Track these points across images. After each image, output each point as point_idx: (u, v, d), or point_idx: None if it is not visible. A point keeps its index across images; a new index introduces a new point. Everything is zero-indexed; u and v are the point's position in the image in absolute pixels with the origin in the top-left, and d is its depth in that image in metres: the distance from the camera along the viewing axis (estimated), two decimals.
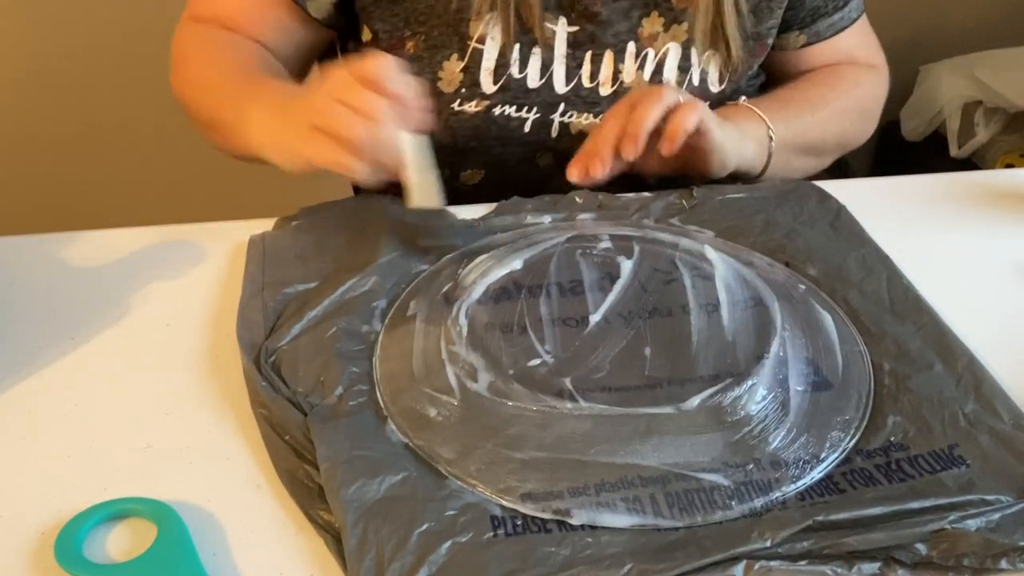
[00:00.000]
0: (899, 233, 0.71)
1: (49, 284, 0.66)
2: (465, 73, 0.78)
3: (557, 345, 0.57)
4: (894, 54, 0.94)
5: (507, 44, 0.78)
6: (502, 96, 0.79)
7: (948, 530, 0.44)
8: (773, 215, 0.72)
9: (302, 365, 0.55)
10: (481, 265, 0.64)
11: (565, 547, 0.44)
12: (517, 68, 0.79)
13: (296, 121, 0.63)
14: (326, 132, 0.60)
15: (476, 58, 0.78)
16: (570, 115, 0.81)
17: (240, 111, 0.70)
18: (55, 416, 0.54)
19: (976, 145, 1.77)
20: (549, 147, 0.82)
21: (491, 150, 0.82)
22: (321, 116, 0.60)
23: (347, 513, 0.45)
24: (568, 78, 0.80)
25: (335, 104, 0.60)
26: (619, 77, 0.81)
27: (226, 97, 0.74)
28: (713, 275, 0.63)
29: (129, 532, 0.46)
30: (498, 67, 0.78)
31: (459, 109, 0.79)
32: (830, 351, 0.57)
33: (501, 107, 0.80)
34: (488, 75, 0.79)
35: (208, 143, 0.78)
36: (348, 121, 0.59)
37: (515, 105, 0.80)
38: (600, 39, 0.79)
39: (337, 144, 0.60)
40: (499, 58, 0.78)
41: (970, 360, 0.56)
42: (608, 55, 0.80)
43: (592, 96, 0.81)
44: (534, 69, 0.79)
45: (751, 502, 0.46)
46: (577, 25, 0.79)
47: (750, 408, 0.52)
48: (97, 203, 1.72)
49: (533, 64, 0.79)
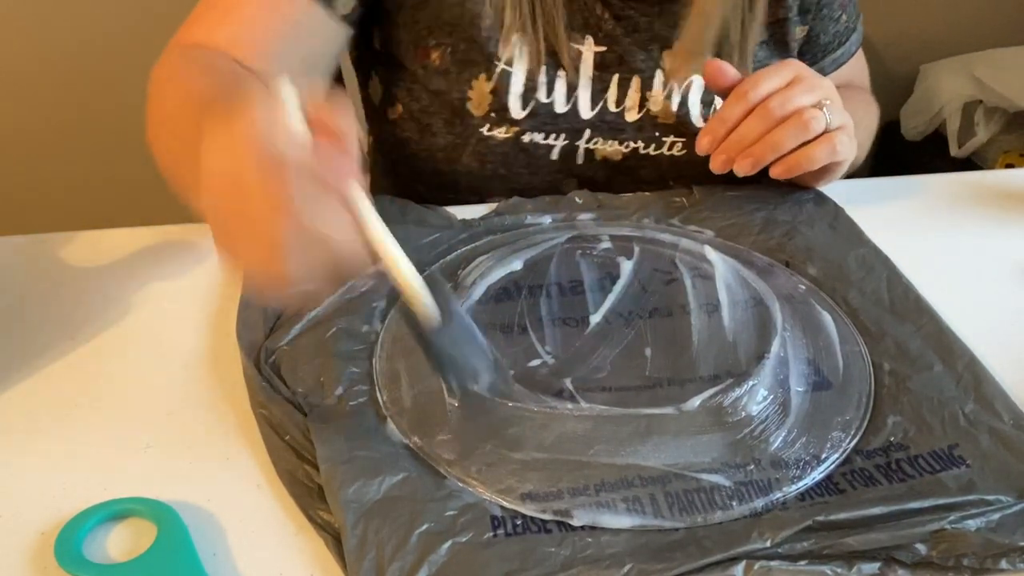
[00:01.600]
0: (899, 233, 0.71)
1: (49, 284, 0.65)
2: (494, 96, 0.76)
3: (557, 345, 0.57)
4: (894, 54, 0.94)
5: (534, 68, 0.76)
6: (531, 122, 0.77)
7: (948, 530, 0.44)
8: (773, 214, 0.72)
9: (302, 365, 0.55)
10: (481, 265, 0.64)
11: (565, 547, 0.44)
12: (544, 92, 0.77)
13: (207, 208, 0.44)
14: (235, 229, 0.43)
15: (504, 81, 0.76)
16: (595, 141, 0.79)
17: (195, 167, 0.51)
18: (55, 416, 0.54)
19: (976, 145, 1.77)
20: (575, 174, 0.81)
21: (520, 177, 0.80)
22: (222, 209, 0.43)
23: (347, 513, 0.45)
24: (593, 102, 0.78)
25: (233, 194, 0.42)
26: (645, 104, 0.79)
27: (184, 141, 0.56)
28: (713, 275, 0.63)
29: (129, 532, 0.46)
30: (526, 91, 0.76)
31: (488, 135, 0.78)
32: (830, 351, 0.57)
33: (530, 134, 0.78)
34: (517, 100, 0.77)
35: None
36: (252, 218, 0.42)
37: (543, 132, 0.78)
38: (628, 62, 0.78)
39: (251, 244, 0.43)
40: (527, 82, 0.76)
41: (970, 360, 0.56)
42: (636, 80, 0.78)
43: (617, 122, 0.79)
44: (560, 93, 0.77)
45: (751, 502, 0.46)
46: (604, 45, 0.77)
47: (751, 408, 0.52)
48: (97, 203, 1.73)
49: (559, 88, 0.77)
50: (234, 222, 0.43)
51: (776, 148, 0.68)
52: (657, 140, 0.80)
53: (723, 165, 0.70)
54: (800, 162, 0.69)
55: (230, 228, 0.43)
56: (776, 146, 0.68)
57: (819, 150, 0.69)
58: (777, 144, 0.68)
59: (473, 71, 0.76)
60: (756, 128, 0.68)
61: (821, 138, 0.69)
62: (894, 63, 1.83)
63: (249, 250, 0.43)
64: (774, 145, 0.68)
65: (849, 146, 0.70)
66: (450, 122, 0.79)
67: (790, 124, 0.68)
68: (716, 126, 0.70)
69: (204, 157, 0.44)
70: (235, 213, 0.43)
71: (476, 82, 0.76)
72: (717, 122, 0.70)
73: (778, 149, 0.68)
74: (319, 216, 0.42)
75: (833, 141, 0.69)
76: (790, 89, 0.68)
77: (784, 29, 0.81)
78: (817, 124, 0.68)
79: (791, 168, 0.70)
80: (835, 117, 0.69)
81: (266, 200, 0.41)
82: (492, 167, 0.79)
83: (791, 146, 0.68)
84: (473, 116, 0.77)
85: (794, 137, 0.68)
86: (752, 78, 0.69)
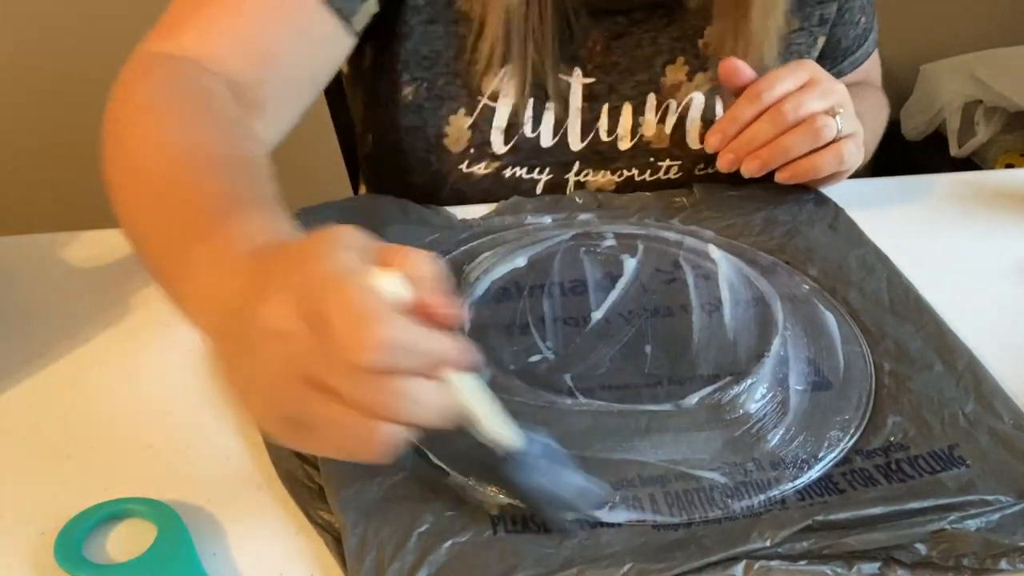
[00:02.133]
0: (899, 233, 0.71)
1: (49, 284, 0.66)
2: (474, 131, 0.74)
3: (558, 342, 0.57)
4: (894, 54, 0.95)
5: (520, 101, 0.73)
6: (513, 157, 0.75)
7: (948, 530, 0.44)
8: (773, 214, 0.72)
9: None
10: (485, 262, 0.64)
11: (565, 547, 0.44)
12: (530, 127, 0.74)
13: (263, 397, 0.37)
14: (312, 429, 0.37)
15: (486, 115, 0.73)
16: (586, 173, 0.78)
17: (178, 271, 0.44)
18: (55, 416, 0.54)
19: (976, 145, 1.77)
20: None
21: None
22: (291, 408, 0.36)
23: (347, 513, 0.45)
24: (584, 133, 0.76)
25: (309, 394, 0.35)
26: (638, 131, 0.77)
27: (162, 221, 0.47)
28: (716, 274, 0.63)
29: (129, 532, 0.46)
30: (509, 126, 0.74)
31: (468, 171, 0.76)
32: (831, 351, 0.57)
33: (512, 168, 0.76)
34: (499, 134, 0.74)
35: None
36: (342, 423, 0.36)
37: (527, 166, 0.76)
38: (619, 90, 0.76)
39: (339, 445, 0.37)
40: (511, 116, 0.74)
41: (970, 360, 0.56)
42: (627, 107, 0.76)
43: (610, 151, 0.77)
44: (547, 127, 0.75)
45: (751, 502, 0.46)
46: (593, 77, 0.75)
47: (749, 406, 0.52)
48: (97, 203, 1.73)
49: (546, 121, 0.75)
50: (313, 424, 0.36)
51: (785, 153, 0.68)
52: (652, 165, 0.79)
53: (730, 164, 0.70)
54: (807, 169, 0.69)
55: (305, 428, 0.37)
56: (786, 151, 0.68)
57: (826, 159, 0.69)
58: (787, 149, 0.68)
59: (451, 106, 0.74)
60: (767, 131, 0.68)
61: (830, 147, 0.68)
62: (894, 63, 1.84)
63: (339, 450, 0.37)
64: (784, 150, 0.68)
65: (856, 155, 0.70)
66: (425, 159, 0.76)
67: (801, 130, 0.67)
68: (727, 125, 0.69)
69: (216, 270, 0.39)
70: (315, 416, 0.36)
71: (454, 117, 0.74)
72: (728, 121, 0.69)
73: (787, 154, 0.68)
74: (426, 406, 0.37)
75: (841, 151, 0.68)
76: (804, 93, 0.68)
77: (799, 40, 0.80)
78: (828, 132, 0.67)
79: (797, 175, 0.70)
80: (846, 124, 0.69)
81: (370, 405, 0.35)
82: (473, 204, 0.76)
83: (800, 152, 0.68)
84: (451, 152, 0.75)
85: (804, 143, 0.68)
86: (767, 78, 0.69)
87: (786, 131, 0.68)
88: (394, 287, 0.37)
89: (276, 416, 0.37)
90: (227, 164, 0.50)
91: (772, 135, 0.68)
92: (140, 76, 0.58)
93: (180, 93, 0.56)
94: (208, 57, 0.60)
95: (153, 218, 0.47)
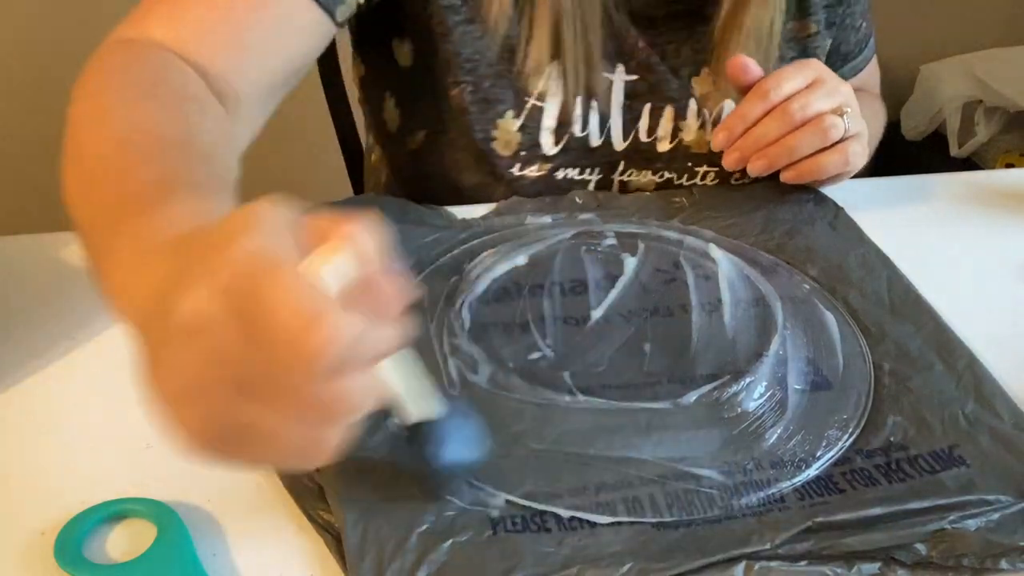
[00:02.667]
0: (899, 233, 0.71)
1: (49, 284, 0.65)
2: (523, 133, 0.73)
3: (558, 341, 0.57)
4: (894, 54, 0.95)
5: (569, 100, 0.73)
6: (564, 158, 0.75)
7: (948, 530, 0.44)
8: (773, 213, 0.72)
9: None
10: (486, 260, 0.64)
11: (565, 546, 0.44)
12: (579, 126, 0.74)
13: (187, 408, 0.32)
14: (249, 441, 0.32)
15: (535, 116, 0.73)
16: (630, 173, 0.77)
17: (104, 249, 0.40)
18: (55, 416, 0.54)
19: (976, 145, 1.77)
20: None
21: None
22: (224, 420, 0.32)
23: (347, 513, 0.45)
24: (625, 133, 0.76)
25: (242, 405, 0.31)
26: (679, 134, 0.77)
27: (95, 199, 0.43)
28: (716, 274, 0.63)
29: (129, 532, 0.46)
30: (559, 126, 0.74)
31: (520, 174, 0.75)
32: (831, 351, 0.57)
33: (564, 170, 0.75)
34: (549, 135, 0.74)
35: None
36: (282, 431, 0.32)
37: (578, 167, 0.76)
38: (660, 91, 0.76)
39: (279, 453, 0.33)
40: (560, 115, 0.73)
41: (970, 360, 0.56)
42: (669, 110, 0.76)
43: (650, 152, 0.77)
44: (594, 126, 0.75)
45: (751, 502, 0.46)
46: (636, 74, 0.75)
47: (747, 405, 0.52)
48: None
49: (593, 121, 0.74)
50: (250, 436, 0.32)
51: (792, 152, 0.68)
52: (690, 171, 0.79)
53: (736, 163, 0.70)
54: (812, 170, 0.69)
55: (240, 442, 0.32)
56: (792, 150, 0.68)
57: (833, 160, 0.68)
58: (794, 148, 0.68)
59: (499, 109, 0.73)
60: (774, 129, 0.68)
61: (836, 147, 0.68)
62: (894, 63, 1.83)
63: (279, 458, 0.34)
64: (791, 149, 0.68)
65: (861, 155, 0.70)
66: (476, 163, 0.76)
67: (808, 129, 0.67)
68: (734, 123, 0.69)
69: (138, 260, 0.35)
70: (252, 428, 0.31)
71: (502, 121, 0.73)
72: (735, 119, 0.69)
73: (794, 154, 0.68)
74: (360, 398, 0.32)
75: (847, 152, 0.68)
76: (811, 92, 0.68)
77: (815, 43, 0.80)
78: (835, 132, 0.67)
79: (802, 175, 0.70)
80: (852, 124, 0.68)
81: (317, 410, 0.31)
82: None
83: (807, 152, 0.68)
84: (501, 156, 0.74)
85: (811, 143, 0.68)
86: (774, 77, 0.68)
87: (794, 130, 0.68)
88: (335, 272, 0.32)
89: (204, 427, 0.32)
90: (171, 146, 0.46)
91: (779, 134, 0.68)
92: (99, 61, 0.56)
93: (133, 75, 0.53)
94: (177, 44, 0.57)
95: (85, 203, 0.43)
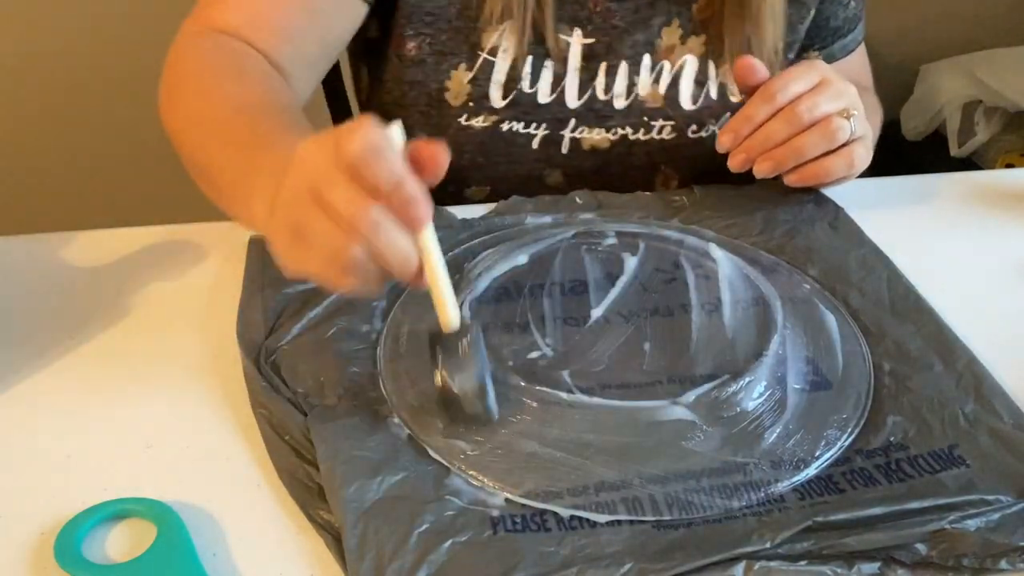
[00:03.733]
0: (899, 233, 0.71)
1: (49, 284, 0.65)
2: (473, 85, 0.76)
3: (558, 340, 0.57)
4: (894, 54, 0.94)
5: (519, 57, 0.75)
6: (511, 111, 0.77)
7: (948, 530, 0.44)
8: (773, 214, 0.72)
9: (302, 365, 0.55)
10: (486, 260, 0.64)
11: (565, 546, 0.44)
12: (528, 83, 0.76)
13: (279, 220, 0.48)
14: (311, 247, 0.46)
15: (486, 70, 0.76)
16: (581, 130, 0.79)
17: (245, 180, 0.54)
18: (55, 416, 0.54)
19: (976, 145, 1.77)
20: (558, 164, 0.80)
21: (498, 167, 0.80)
22: (304, 225, 0.46)
23: (347, 513, 0.45)
24: (581, 91, 0.78)
25: (311, 209, 0.45)
26: (634, 90, 0.79)
27: (230, 152, 0.59)
28: (716, 273, 0.63)
29: (129, 532, 0.46)
30: (508, 80, 0.76)
31: (466, 124, 0.77)
32: (831, 351, 0.57)
33: (509, 123, 0.77)
34: (498, 89, 0.76)
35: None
36: (328, 235, 0.45)
37: (524, 121, 0.78)
38: (617, 50, 0.77)
39: (325, 263, 0.46)
40: (510, 71, 0.76)
41: (970, 360, 0.56)
42: (623, 67, 0.78)
43: (606, 110, 0.79)
44: (545, 83, 0.77)
45: (751, 502, 0.46)
46: (593, 37, 0.76)
47: (746, 404, 0.52)
48: (97, 203, 1.73)
49: (544, 78, 0.77)
50: (309, 235, 0.45)
51: (799, 154, 0.68)
52: (646, 124, 0.80)
53: (742, 164, 0.69)
54: (817, 173, 0.69)
55: (303, 240, 0.46)
56: (799, 152, 0.68)
57: (838, 163, 0.69)
58: (800, 150, 0.68)
59: (452, 61, 0.76)
60: (781, 131, 0.68)
61: (841, 151, 0.68)
62: (894, 63, 1.83)
63: (319, 264, 0.46)
64: (797, 151, 0.68)
65: (865, 158, 0.70)
66: (426, 113, 0.78)
67: (816, 132, 0.67)
68: (740, 124, 0.69)
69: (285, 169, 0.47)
70: (311, 227, 0.45)
71: (455, 72, 0.76)
72: (741, 120, 0.69)
73: (801, 155, 0.68)
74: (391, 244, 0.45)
75: (852, 156, 0.69)
76: (818, 94, 0.68)
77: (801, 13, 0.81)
78: (842, 134, 0.67)
79: (807, 178, 0.70)
80: (859, 127, 0.69)
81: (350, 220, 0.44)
82: (470, 156, 0.79)
83: (814, 154, 0.68)
84: (451, 106, 0.77)
85: (819, 145, 0.67)
86: (780, 79, 0.68)
87: (801, 132, 0.68)
88: (393, 134, 0.46)
89: (285, 226, 0.47)
90: (271, 106, 0.63)
91: (787, 135, 0.68)
92: (188, 49, 0.69)
93: (220, 59, 0.68)
94: (233, 32, 0.70)
95: (220, 152, 0.59)
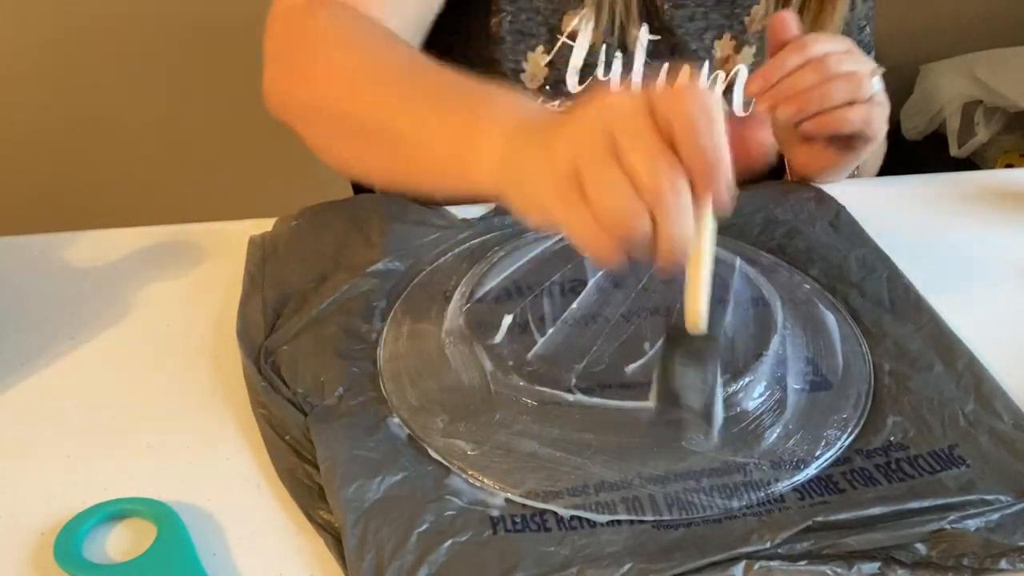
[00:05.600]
0: (899, 233, 0.71)
1: (49, 284, 0.66)
2: (550, 68, 0.76)
3: (557, 340, 0.57)
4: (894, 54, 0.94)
5: (596, 42, 0.76)
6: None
7: (948, 530, 0.44)
8: (773, 213, 0.72)
9: (302, 365, 0.55)
10: (485, 262, 0.64)
11: (565, 546, 0.44)
12: (603, 70, 0.77)
13: (555, 161, 0.43)
14: (591, 199, 0.42)
15: (563, 54, 0.76)
16: None
17: (464, 134, 0.51)
18: (55, 416, 0.54)
19: (976, 145, 1.77)
20: None
21: None
22: (591, 173, 0.42)
23: (347, 513, 0.45)
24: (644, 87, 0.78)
25: (612, 166, 0.41)
26: None
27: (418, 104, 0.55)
28: (716, 273, 0.63)
29: (129, 532, 0.46)
30: (585, 66, 0.76)
31: None
32: (831, 351, 0.57)
33: None
34: (574, 74, 0.77)
35: (325, 162, 0.62)
36: (619, 194, 0.41)
37: None
38: (680, 52, 0.78)
39: (599, 223, 0.42)
40: (587, 57, 0.76)
41: (970, 360, 0.56)
42: (685, 70, 0.78)
43: None
44: (616, 73, 0.78)
45: (751, 502, 0.47)
46: (659, 35, 0.78)
47: (746, 404, 0.52)
48: (97, 203, 1.73)
49: (615, 68, 0.77)
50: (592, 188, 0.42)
51: (823, 100, 0.68)
52: None
53: (768, 108, 0.70)
54: (831, 121, 0.69)
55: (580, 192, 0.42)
56: (824, 98, 0.68)
57: (856, 113, 0.68)
58: (825, 96, 0.68)
59: (531, 42, 0.76)
60: (810, 79, 0.68)
61: (861, 104, 0.69)
62: (894, 63, 1.83)
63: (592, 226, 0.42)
64: (822, 96, 0.68)
65: (881, 127, 0.71)
66: None
67: (842, 79, 0.68)
68: (770, 71, 0.69)
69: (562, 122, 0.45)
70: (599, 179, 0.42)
71: (532, 54, 0.76)
72: (772, 67, 0.69)
73: (825, 102, 0.68)
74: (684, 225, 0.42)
75: (871, 113, 0.69)
76: (847, 55, 0.69)
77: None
78: (867, 89, 0.68)
79: (821, 126, 0.69)
80: (881, 94, 0.69)
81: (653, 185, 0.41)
82: None
83: (839, 101, 0.68)
84: (527, 88, 0.77)
85: (845, 92, 0.68)
86: (811, 36, 0.69)
87: (828, 82, 0.68)
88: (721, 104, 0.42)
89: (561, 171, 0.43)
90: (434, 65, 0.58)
91: (814, 84, 0.68)
92: (305, 19, 0.65)
93: (350, 21, 0.64)
94: (341, 2, 0.66)
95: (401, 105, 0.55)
